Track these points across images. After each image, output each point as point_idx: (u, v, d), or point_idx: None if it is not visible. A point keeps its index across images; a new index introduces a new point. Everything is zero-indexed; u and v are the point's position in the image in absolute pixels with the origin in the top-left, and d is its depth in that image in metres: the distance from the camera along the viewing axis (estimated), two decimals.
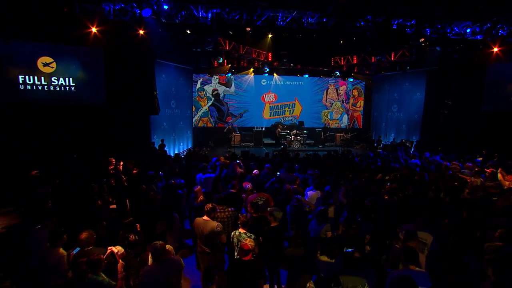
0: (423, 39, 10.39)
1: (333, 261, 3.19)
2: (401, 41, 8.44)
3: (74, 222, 4.11)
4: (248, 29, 8.80)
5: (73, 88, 10.12)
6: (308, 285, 3.11)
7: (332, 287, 2.75)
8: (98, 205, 4.68)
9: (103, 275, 2.86)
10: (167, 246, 3.10)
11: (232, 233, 3.57)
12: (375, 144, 14.90)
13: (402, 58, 12.75)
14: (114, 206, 5.91)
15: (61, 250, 3.32)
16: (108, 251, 3.27)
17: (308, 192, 5.26)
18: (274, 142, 14.97)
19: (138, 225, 3.86)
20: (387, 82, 15.53)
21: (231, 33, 9.65)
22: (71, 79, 10.05)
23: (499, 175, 6.45)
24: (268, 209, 3.81)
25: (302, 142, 14.46)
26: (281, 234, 3.63)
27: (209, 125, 16.00)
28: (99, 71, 10.19)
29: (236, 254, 3.33)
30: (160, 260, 2.98)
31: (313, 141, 15.29)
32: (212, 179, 6.14)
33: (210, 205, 3.80)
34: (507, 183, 6.17)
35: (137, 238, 3.71)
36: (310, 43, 11.39)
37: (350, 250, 3.03)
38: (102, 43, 9.24)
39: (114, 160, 7.71)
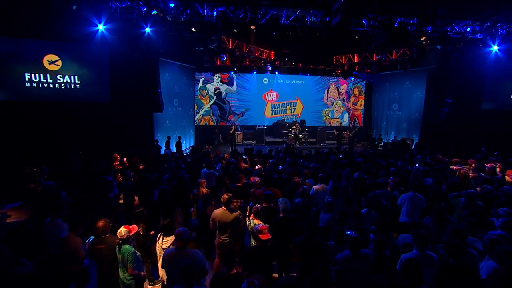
0: (424, 38, 10.53)
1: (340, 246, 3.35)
2: (403, 39, 8.57)
3: (87, 213, 4.24)
4: (253, 27, 8.93)
5: (78, 86, 10.19)
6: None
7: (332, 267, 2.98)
8: (110, 198, 4.81)
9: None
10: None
11: (248, 223, 3.66)
12: (376, 142, 15.06)
13: (403, 57, 12.89)
14: (121, 201, 6.08)
15: (78, 238, 3.44)
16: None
17: (314, 187, 5.38)
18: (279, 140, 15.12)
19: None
20: (387, 81, 15.67)
21: (235, 31, 9.76)
22: (76, 76, 10.12)
23: (498, 170, 6.62)
24: (279, 199, 3.95)
25: (304, 140, 14.59)
26: (290, 224, 3.76)
27: (211, 123, 16.12)
28: (104, 69, 10.30)
29: (252, 239, 3.46)
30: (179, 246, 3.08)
31: (315, 139, 15.44)
32: (215, 175, 6.21)
33: (226, 196, 3.87)
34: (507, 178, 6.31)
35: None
36: (312, 42, 11.51)
37: (350, 232, 3.21)
38: (108, 41, 9.33)
39: (118, 156, 7.87)
